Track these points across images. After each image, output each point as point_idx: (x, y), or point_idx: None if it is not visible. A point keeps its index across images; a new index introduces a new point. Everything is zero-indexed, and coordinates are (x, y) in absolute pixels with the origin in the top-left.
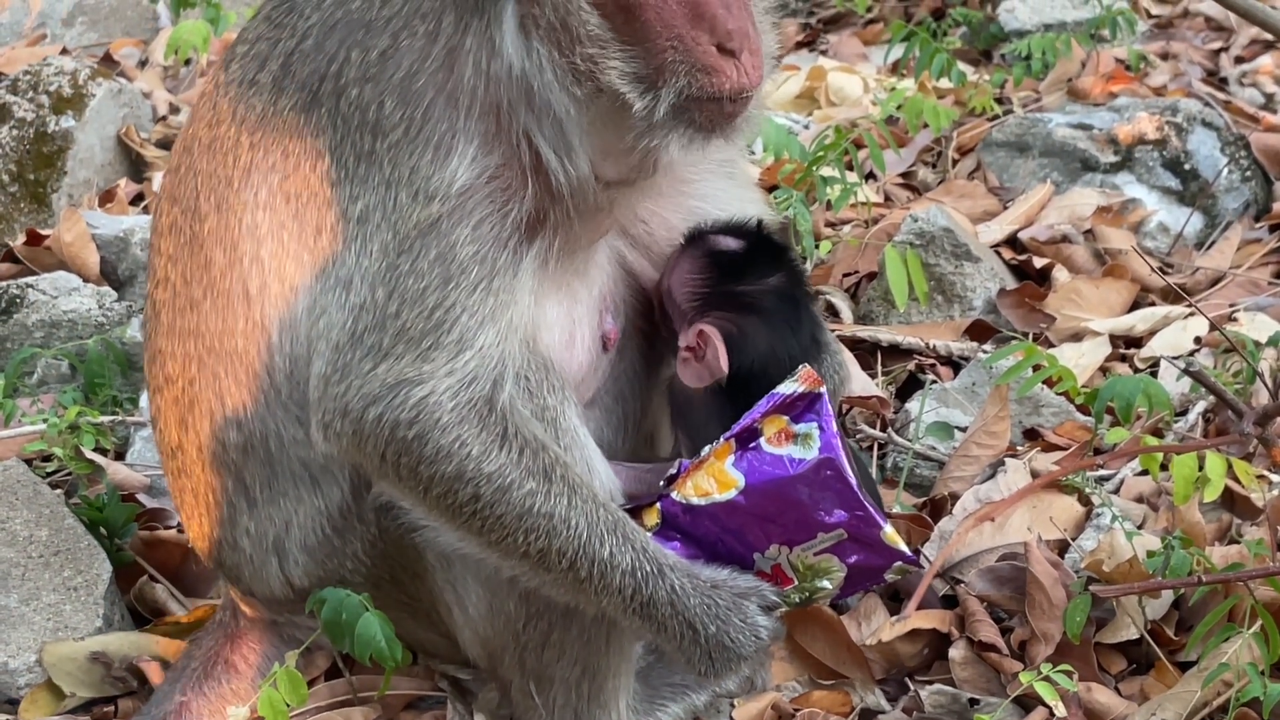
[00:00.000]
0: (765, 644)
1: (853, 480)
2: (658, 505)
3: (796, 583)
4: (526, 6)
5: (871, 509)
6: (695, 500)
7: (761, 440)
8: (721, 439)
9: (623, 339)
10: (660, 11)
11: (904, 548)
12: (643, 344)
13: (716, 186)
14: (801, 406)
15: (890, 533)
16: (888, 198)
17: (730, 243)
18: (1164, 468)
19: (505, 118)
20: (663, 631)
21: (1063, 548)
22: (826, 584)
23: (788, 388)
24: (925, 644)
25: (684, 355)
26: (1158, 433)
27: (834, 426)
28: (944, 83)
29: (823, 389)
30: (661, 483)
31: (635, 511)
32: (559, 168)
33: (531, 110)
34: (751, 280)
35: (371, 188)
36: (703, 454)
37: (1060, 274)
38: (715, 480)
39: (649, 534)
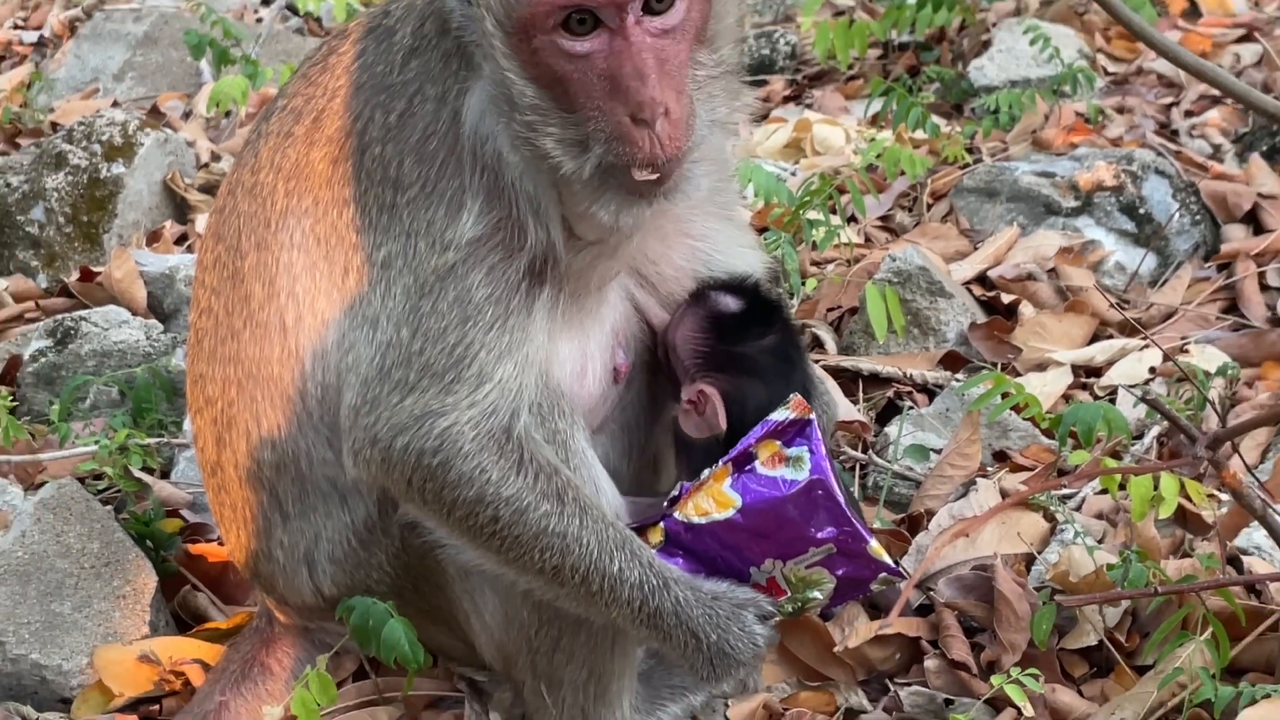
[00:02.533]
0: (762, 650)
1: (841, 499)
2: (661, 524)
3: (790, 594)
4: (489, 84)
5: (859, 525)
6: (696, 519)
7: (756, 463)
8: (719, 463)
9: (631, 370)
10: (583, 83)
11: (888, 560)
12: (649, 376)
13: (714, 228)
14: (793, 432)
15: (875, 546)
16: (868, 239)
17: (731, 303)
18: (1122, 487)
19: (500, 177)
20: (668, 640)
21: (1029, 561)
22: (817, 594)
23: (780, 415)
24: (897, 649)
25: (685, 408)
26: (1116, 455)
27: (823, 450)
28: (919, 134)
29: (812, 415)
30: (665, 503)
31: (641, 530)
32: (533, 226)
33: (510, 174)
34: (749, 342)
35: (394, 236)
36: (702, 476)
37: (1026, 309)
38: (714, 500)
39: (656, 548)
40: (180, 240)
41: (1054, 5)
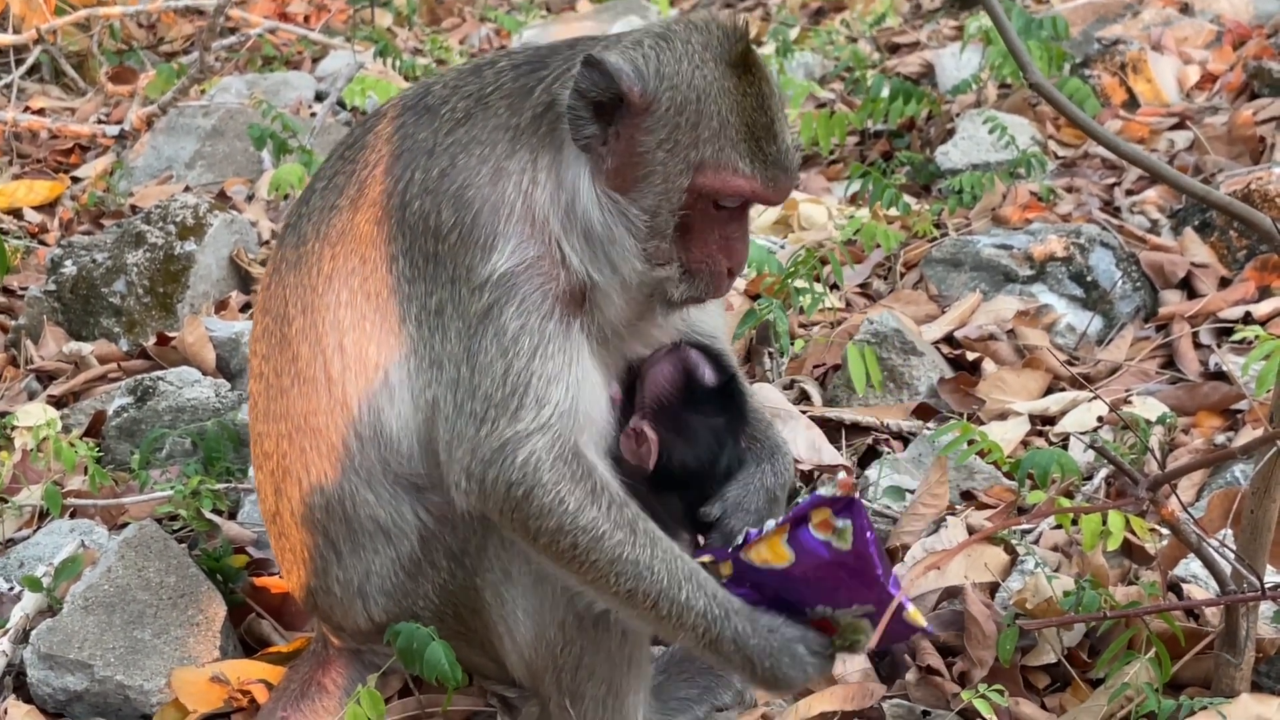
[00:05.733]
0: (812, 675)
1: (880, 573)
2: (730, 561)
3: (839, 633)
4: (608, 189)
5: (896, 594)
6: (758, 564)
7: (809, 525)
8: (778, 521)
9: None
10: (707, 237)
11: (924, 624)
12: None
13: None
14: (840, 505)
15: (912, 611)
16: (848, 304)
17: (708, 376)
18: (1075, 523)
19: (539, 224)
20: (726, 662)
21: (994, 589)
22: (862, 638)
23: (828, 491)
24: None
25: (627, 433)
26: (1069, 494)
27: (867, 527)
28: (892, 211)
29: (856, 495)
30: (730, 548)
31: (713, 565)
32: (581, 268)
33: (565, 225)
34: (701, 416)
35: (441, 284)
36: (766, 529)
37: (988, 365)
38: (772, 552)
39: (724, 580)
40: (245, 308)
41: (1010, 98)
